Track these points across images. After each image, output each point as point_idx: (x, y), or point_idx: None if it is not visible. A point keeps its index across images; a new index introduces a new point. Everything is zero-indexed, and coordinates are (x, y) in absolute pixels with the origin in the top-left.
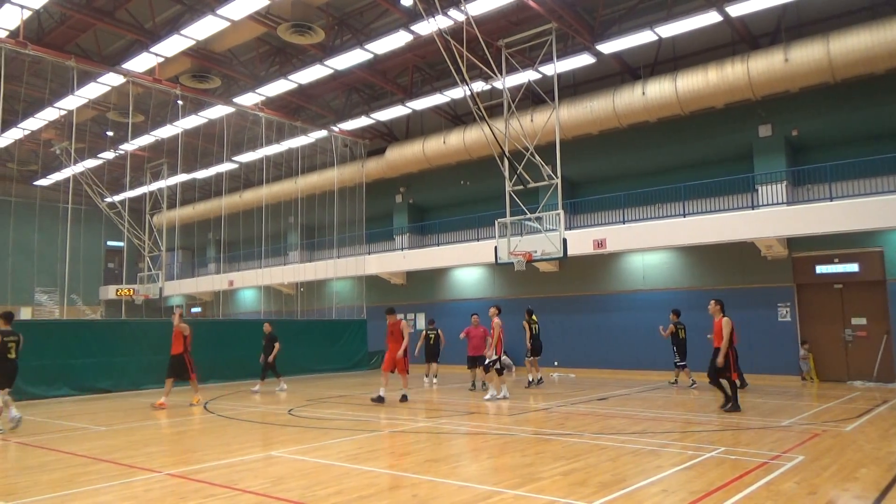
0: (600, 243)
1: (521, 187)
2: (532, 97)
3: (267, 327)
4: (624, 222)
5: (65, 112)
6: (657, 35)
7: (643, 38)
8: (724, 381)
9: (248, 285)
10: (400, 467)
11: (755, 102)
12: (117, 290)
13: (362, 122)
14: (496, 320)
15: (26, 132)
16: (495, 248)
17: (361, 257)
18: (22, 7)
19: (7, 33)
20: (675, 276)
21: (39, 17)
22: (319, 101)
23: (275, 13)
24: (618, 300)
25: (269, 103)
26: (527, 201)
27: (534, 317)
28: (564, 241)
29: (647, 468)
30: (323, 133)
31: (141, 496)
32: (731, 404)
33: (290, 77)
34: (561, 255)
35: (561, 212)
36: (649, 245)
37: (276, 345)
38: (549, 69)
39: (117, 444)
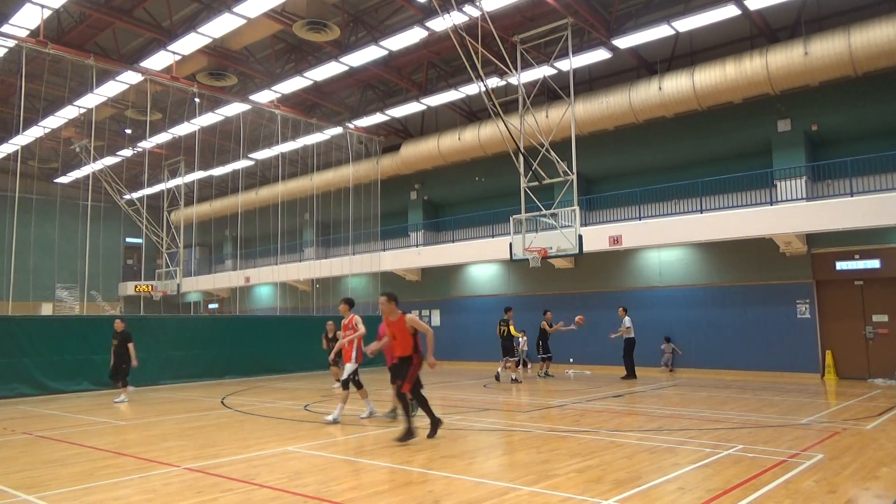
0: (616, 240)
1: (536, 183)
2: (547, 93)
3: (119, 325)
4: (640, 218)
5: (84, 110)
6: (674, 29)
7: (660, 32)
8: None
9: (265, 282)
10: (415, 463)
11: (774, 97)
12: (136, 287)
13: (377, 118)
14: (353, 317)
15: (46, 130)
16: (510, 244)
17: (376, 254)
18: (42, 6)
19: (28, 32)
20: (691, 273)
21: (59, 17)
22: (334, 97)
23: (290, 11)
24: (634, 297)
25: (285, 100)
26: (542, 197)
27: (506, 316)
28: (580, 237)
29: (664, 465)
30: (338, 130)
31: (159, 490)
32: (432, 429)
33: (305, 74)
34: (576, 251)
35: (576, 208)
36: (666, 241)
37: (131, 345)
38: (565, 64)
39: (136, 439)
